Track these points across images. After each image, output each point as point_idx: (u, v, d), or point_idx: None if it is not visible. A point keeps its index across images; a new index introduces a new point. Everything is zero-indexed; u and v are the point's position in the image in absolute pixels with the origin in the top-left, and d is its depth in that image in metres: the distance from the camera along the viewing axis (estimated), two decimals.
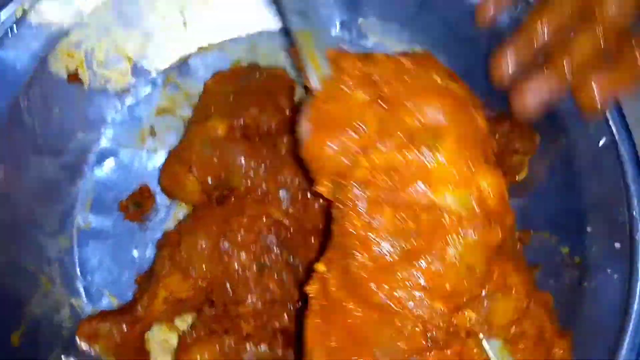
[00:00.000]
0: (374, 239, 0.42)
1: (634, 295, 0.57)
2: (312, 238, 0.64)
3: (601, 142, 0.62)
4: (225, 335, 0.60)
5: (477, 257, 0.42)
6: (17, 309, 0.62)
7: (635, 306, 0.57)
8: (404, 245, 0.42)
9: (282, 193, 0.64)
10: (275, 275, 0.61)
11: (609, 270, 0.59)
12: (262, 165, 0.64)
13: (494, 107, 0.68)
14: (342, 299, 0.44)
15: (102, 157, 0.72)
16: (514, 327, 0.48)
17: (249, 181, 0.64)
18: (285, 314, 0.60)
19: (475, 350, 0.45)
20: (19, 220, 0.65)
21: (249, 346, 0.59)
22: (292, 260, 0.62)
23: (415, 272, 0.41)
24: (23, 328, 0.61)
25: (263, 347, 0.59)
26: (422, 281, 0.41)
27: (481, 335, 0.46)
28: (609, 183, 0.61)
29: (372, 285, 0.42)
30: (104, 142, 0.72)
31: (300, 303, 0.61)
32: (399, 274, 0.41)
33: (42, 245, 0.67)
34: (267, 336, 0.59)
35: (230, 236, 0.61)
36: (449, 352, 0.43)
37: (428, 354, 0.42)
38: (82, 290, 0.68)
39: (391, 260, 0.42)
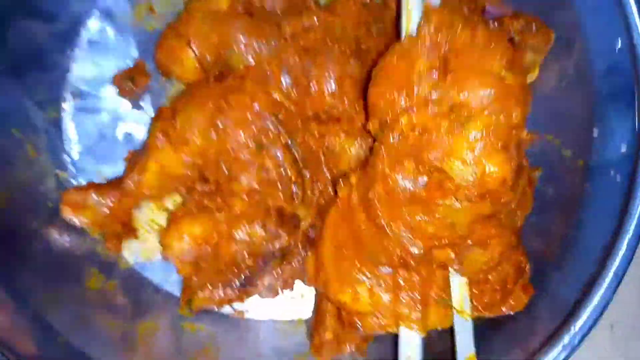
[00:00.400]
0: (392, 179, 0.52)
1: (635, 197, 0.56)
2: (312, 124, 0.62)
3: (618, 45, 0.60)
4: (217, 212, 0.58)
5: (460, 219, 0.52)
6: (3, 173, 0.59)
7: (637, 207, 0.56)
8: (411, 189, 0.52)
9: (284, 75, 0.61)
10: (273, 155, 0.58)
11: (612, 172, 0.58)
12: (265, 44, 0.61)
13: (510, 3, 0.66)
14: (358, 209, 0.55)
15: (95, 30, 0.68)
16: (481, 274, 0.57)
17: (250, 59, 0.61)
18: (280, 194, 0.58)
19: (439, 282, 0.56)
20: (7, 85, 0.62)
21: (241, 224, 0.57)
22: (290, 142, 0.59)
23: (409, 214, 0.52)
24: (7, 192, 0.59)
25: (256, 226, 0.57)
26: (412, 222, 0.52)
27: (451, 270, 0.56)
28: (621, 85, 0.59)
29: (379, 211, 0.53)
30: (99, 14, 0.68)
31: (294, 185, 0.59)
32: (399, 210, 0.53)
33: (30, 114, 0.64)
34: (261, 215, 0.58)
35: (229, 113, 0.58)
36: (416, 276, 0.55)
37: (399, 271, 0.54)
38: (68, 163, 0.66)
39: (398, 198, 0.52)
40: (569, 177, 0.61)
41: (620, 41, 0.59)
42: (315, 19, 0.64)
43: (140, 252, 0.64)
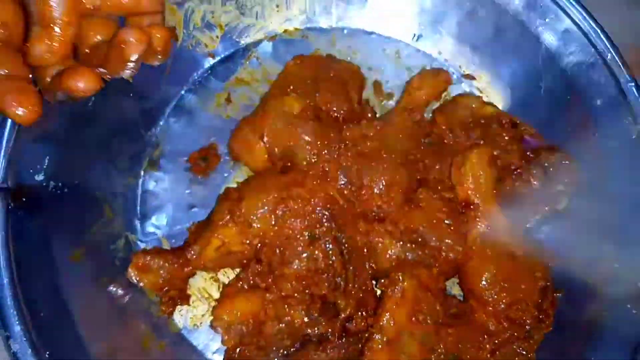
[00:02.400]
0: None
1: None
2: (360, 221, 0.67)
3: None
4: (267, 292, 0.63)
5: None
6: (82, 230, 0.65)
7: None
8: None
9: (341, 175, 0.67)
10: (324, 246, 0.63)
11: (628, 306, 0.62)
12: (327, 147, 0.68)
13: (547, 138, 0.72)
14: None
15: (179, 111, 0.75)
16: None
17: (312, 158, 0.67)
18: (325, 283, 0.63)
19: None
20: (97, 150, 0.68)
21: (286, 306, 0.62)
22: (339, 236, 0.65)
23: None
24: (84, 248, 0.64)
25: (300, 310, 0.62)
26: None
27: None
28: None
29: None
30: (183, 98, 0.76)
31: (339, 277, 0.64)
32: None
33: (112, 178, 0.70)
34: (305, 300, 0.62)
35: (289, 203, 0.64)
36: None
37: None
38: (138, 227, 0.71)
39: None
40: (589, 302, 0.65)
41: None
42: (372, 128, 0.70)
43: (190, 317, 0.69)
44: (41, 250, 0.60)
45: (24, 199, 0.60)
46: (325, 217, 0.65)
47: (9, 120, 0.60)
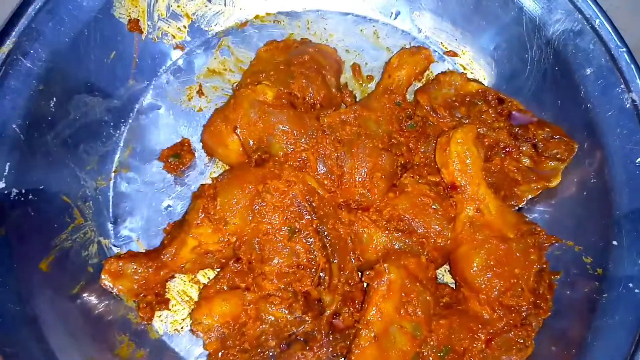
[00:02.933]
0: None
1: None
2: (343, 211, 0.63)
3: (638, 160, 0.61)
4: (247, 292, 0.59)
5: None
6: (49, 237, 0.62)
7: None
8: None
9: (320, 164, 0.63)
10: (305, 241, 0.60)
11: (630, 285, 0.59)
12: (304, 135, 0.64)
13: (536, 112, 0.68)
14: None
15: (148, 107, 0.72)
16: None
17: (289, 148, 0.63)
18: (308, 279, 0.59)
19: None
20: (62, 152, 0.65)
21: (268, 305, 0.58)
22: (321, 228, 0.61)
23: None
24: (53, 256, 0.61)
25: (282, 308, 0.58)
26: None
27: None
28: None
29: None
30: (152, 94, 0.72)
31: (322, 272, 0.60)
32: None
33: (80, 181, 0.66)
34: (288, 298, 0.58)
35: (266, 197, 0.60)
36: None
37: None
38: (111, 231, 0.68)
39: None
40: (588, 284, 0.62)
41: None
42: (351, 113, 0.66)
43: (170, 322, 0.65)
44: (5, 261, 0.57)
45: None
46: (304, 209, 0.61)
47: None
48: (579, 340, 0.60)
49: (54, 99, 0.63)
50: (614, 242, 0.61)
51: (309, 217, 0.61)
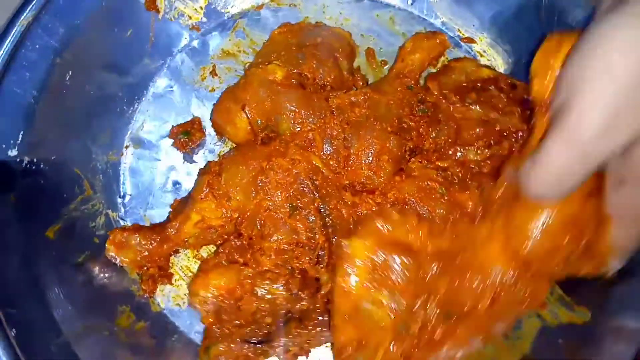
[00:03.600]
0: None
1: None
2: (346, 193, 0.62)
3: None
4: (245, 267, 0.58)
5: None
6: (58, 206, 0.63)
7: None
8: None
9: (326, 144, 0.63)
10: (306, 218, 0.59)
11: None
12: (312, 115, 0.63)
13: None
14: None
15: (162, 86, 0.72)
16: None
17: (296, 127, 0.63)
18: (306, 257, 0.58)
19: None
20: (76, 125, 0.66)
21: (265, 280, 0.58)
22: (322, 207, 0.60)
23: None
24: (60, 224, 0.62)
25: (278, 284, 0.57)
26: None
27: None
28: None
29: None
30: (167, 73, 0.72)
31: (321, 250, 0.59)
32: None
33: (92, 154, 0.67)
34: (285, 275, 0.58)
35: (270, 174, 0.60)
36: None
37: None
38: (119, 204, 0.68)
39: None
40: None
41: None
42: (361, 96, 0.65)
43: (172, 297, 0.65)
44: (14, 225, 0.58)
45: None
46: (307, 188, 0.60)
47: None
48: (584, 334, 0.57)
49: (70, 72, 0.64)
50: None
51: (311, 195, 0.60)
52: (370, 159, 0.63)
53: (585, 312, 0.58)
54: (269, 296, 0.57)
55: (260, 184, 0.60)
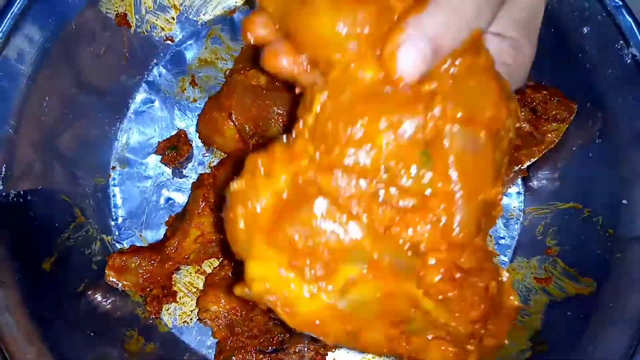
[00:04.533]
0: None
1: None
2: None
3: None
4: None
5: None
6: (51, 237, 0.60)
7: None
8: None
9: None
10: None
11: None
12: None
13: (534, 78, 0.65)
14: None
15: (142, 101, 0.70)
16: None
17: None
18: None
19: None
20: (59, 151, 0.63)
21: None
22: None
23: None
24: (55, 256, 0.60)
25: None
26: None
27: None
28: None
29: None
30: (145, 87, 0.70)
31: None
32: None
33: (79, 179, 0.65)
34: None
35: None
36: None
37: None
38: (113, 227, 0.66)
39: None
40: (600, 245, 0.59)
41: None
42: None
43: (179, 315, 0.64)
44: (8, 261, 0.55)
45: None
46: None
47: None
48: (595, 303, 0.58)
49: (47, 97, 0.61)
50: (624, 201, 0.58)
51: None
52: None
53: (591, 282, 0.59)
54: None
55: None
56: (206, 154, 0.69)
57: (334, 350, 0.60)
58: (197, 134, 0.67)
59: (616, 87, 0.60)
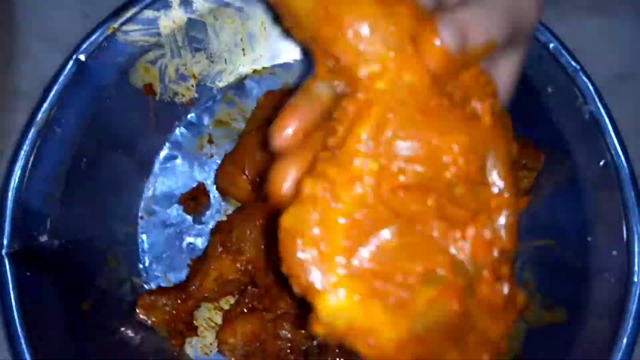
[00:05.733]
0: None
1: (629, 297, 0.60)
2: None
3: (601, 163, 0.66)
4: (265, 312, 0.64)
5: None
6: (90, 280, 0.68)
7: (631, 306, 0.60)
8: None
9: None
10: None
11: (606, 275, 0.63)
12: None
13: None
14: None
15: (166, 158, 0.78)
16: None
17: None
18: None
19: None
20: (95, 206, 0.71)
21: (284, 322, 0.63)
22: None
23: None
24: (93, 297, 0.67)
25: (297, 325, 0.63)
26: None
27: None
28: (608, 199, 0.65)
29: None
30: (169, 146, 0.79)
31: None
32: None
33: (112, 229, 0.73)
34: (301, 314, 0.64)
35: (273, 227, 0.66)
36: None
37: None
38: (142, 270, 0.74)
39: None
40: (570, 277, 0.66)
41: (603, 160, 0.66)
42: None
43: (200, 347, 0.70)
44: (52, 305, 0.63)
45: (31, 261, 0.63)
46: None
47: (9, 190, 0.63)
48: (567, 333, 0.64)
49: (85, 159, 0.70)
50: (589, 238, 0.66)
51: None
52: None
53: (563, 311, 0.65)
54: (290, 336, 0.63)
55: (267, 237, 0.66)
56: (223, 203, 0.77)
57: None
58: (215, 186, 0.76)
59: (578, 139, 0.68)
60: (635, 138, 0.70)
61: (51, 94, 0.68)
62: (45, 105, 0.67)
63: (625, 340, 0.59)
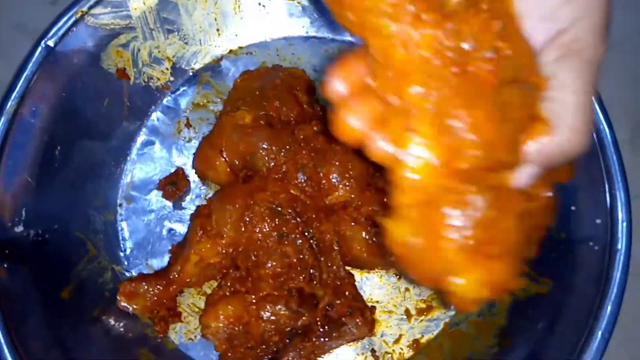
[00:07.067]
0: None
1: (613, 264, 0.60)
2: (322, 214, 0.67)
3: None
4: (247, 294, 0.63)
5: None
6: (68, 269, 0.67)
7: (615, 273, 0.59)
8: None
9: (299, 173, 0.68)
10: (294, 243, 0.64)
11: (591, 243, 0.62)
12: (283, 149, 0.68)
13: None
14: None
15: (143, 144, 0.77)
16: None
17: (271, 162, 0.68)
18: (300, 276, 0.63)
19: None
20: (71, 195, 0.70)
21: (267, 304, 0.62)
22: (306, 231, 0.65)
23: None
24: (72, 285, 0.66)
25: (279, 306, 0.62)
26: None
27: None
28: (591, 167, 0.64)
29: None
30: (145, 131, 0.77)
31: (312, 269, 0.64)
32: None
33: (90, 217, 0.71)
34: (284, 295, 0.63)
35: (254, 209, 0.65)
36: None
37: None
38: (122, 257, 0.72)
39: None
40: (555, 248, 0.65)
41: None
42: (321, 125, 0.71)
43: (184, 333, 0.69)
44: (30, 294, 0.62)
45: (7, 252, 0.62)
46: (290, 215, 0.65)
47: None
48: (553, 300, 0.63)
49: (59, 147, 0.68)
50: (572, 208, 0.64)
51: (294, 221, 0.65)
52: (338, 178, 0.68)
53: (548, 282, 0.64)
54: (273, 317, 0.62)
55: (248, 219, 0.65)
56: (202, 187, 0.75)
57: (322, 356, 0.66)
58: (194, 170, 0.74)
59: None
60: (619, 106, 0.69)
61: (20, 82, 0.66)
62: (15, 93, 0.65)
63: (609, 308, 0.58)
